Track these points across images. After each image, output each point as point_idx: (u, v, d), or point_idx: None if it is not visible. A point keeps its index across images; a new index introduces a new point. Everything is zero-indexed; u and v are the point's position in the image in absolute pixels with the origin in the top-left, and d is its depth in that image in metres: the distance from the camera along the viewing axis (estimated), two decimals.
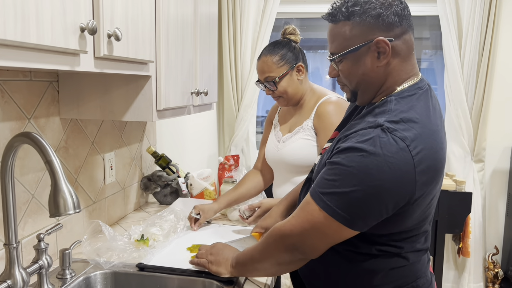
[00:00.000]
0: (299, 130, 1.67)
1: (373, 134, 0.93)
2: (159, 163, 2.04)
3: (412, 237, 1.05)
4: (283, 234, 1.04)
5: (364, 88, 1.04)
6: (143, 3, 1.23)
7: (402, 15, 1.00)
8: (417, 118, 0.96)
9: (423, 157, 0.92)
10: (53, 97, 1.38)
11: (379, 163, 0.90)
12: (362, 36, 0.99)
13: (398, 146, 0.91)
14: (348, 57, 1.02)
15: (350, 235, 0.98)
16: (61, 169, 0.93)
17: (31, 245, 1.28)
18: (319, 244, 1.01)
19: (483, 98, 2.99)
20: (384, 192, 0.91)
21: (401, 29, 0.99)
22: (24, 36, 0.75)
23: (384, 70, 1.01)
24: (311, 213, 0.98)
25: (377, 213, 0.94)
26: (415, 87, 1.02)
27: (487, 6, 2.89)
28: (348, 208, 0.93)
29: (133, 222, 1.80)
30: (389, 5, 0.98)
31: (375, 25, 0.98)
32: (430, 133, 0.96)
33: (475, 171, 3.08)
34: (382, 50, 0.98)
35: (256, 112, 3.38)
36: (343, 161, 0.94)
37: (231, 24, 3.18)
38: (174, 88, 1.49)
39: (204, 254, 1.29)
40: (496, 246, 3.16)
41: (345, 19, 1.00)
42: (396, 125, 0.94)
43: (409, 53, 1.02)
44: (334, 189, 0.94)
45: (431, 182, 0.97)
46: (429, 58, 3.44)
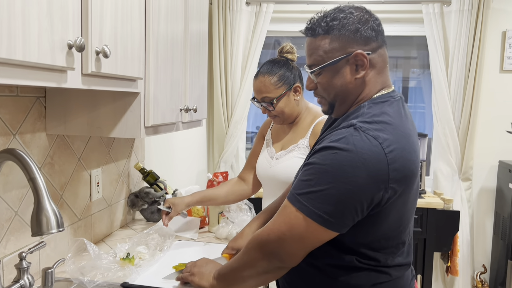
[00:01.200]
0: (293, 148, 1.66)
1: (346, 133, 0.95)
2: (147, 179, 2.02)
3: (391, 248, 1.05)
4: (261, 240, 1.03)
5: (342, 100, 1.07)
6: (133, 20, 1.23)
7: (378, 30, 1.05)
8: (389, 120, 0.99)
9: (396, 156, 0.94)
10: (39, 113, 1.37)
11: (352, 159, 0.92)
12: (341, 49, 1.02)
13: (371, 143, 0.93)
14: (327, 70, 1.05)
15: (327, 237, 0.98)
16: (45, 187, 0.92)
17: (13, 263, 1.25)
18: (297, 249, 1.00)
19: (470, 117, 3.03)
20: (359, 188, 0.92)
21: (377, 43, 1.04)
22: (9, 53, 0.75)
23: (362, 81, 1.04)
24: (288, 216, 0.98)
25: (352, 210, 0.94)
26: (388, 96, 1.06)
27: (472, 27, 2.95)
28: (325, 207, 0.93)
29: (119, 240, 1.77)
30: (366, 20, 1.03)
31: (353, 39, 1.02)
32: (402, 135, 0.98)
33: (462, 189, 3.10)
34: (360, 63, 1.02)
35: (246, 128, 3.38)
36: (318, 160, 0.96)
37: (221, 41, 3.21)
38: (163, 105, 1.48)
39: (189, 268, 1.29)
40: (484, 265, 3.17)
41: (324, 33, 1.04)
42: (368, 125, 0.96)
43: (384, 66, 1.07)
44: (310, 188, 0.95)
45: (404, 182, 0.97)
46: (417, 77, 3.49)
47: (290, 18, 3.32)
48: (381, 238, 1.02)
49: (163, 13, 1.45)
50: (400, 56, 3.47)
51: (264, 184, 1.79)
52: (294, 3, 3.24)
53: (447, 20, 3.01)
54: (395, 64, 3.47)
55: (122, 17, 1.16)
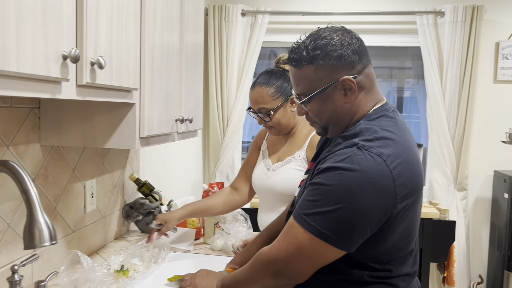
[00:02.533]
0: (290, 159, 1.65)
1: (350, 153, 0.96)
2: (141, 190, 2.01)
3: (400, 259, 1.05)
4: (269, 260, 1.03)
5: (335, 123, 1.08)
6: (128, 31, 1.23)
7: (360, 51, 1.04)
8: (390, 135, 1.00)
9: (401, 171, 0.95)
10: (33, 124, 1.36)
11: (358, 179, 0.92)
12: (327, 77, 1.02)
13: (375, 161, 0.93)
14: (316, 98, 1.05)
15: (336, 256, 0.98)
16: (38, 199, 0.91)
17: (5, 276, 1.23)
18: (306, 267, 1.00)
19: (465, 127, 3.05)
20: (367, 207, 0.92)
21: (361, 65, 1.04)
22: (3, 64, 0.74)
23: (352, 104, 1.05)
24: (296, 236, 0.98)
25: (362, 230, 0.95)
26: (381, 110, 1.07)
27: (466, 38, 2.98)
28: (333, 227, 0.94)
29: (113, 251, 1.75)
30: (348, 44, 1.03)
31: (338, 66, 1.02)
32: (404, 148, 0.99)
33: (458, 199, 3.10)
34: (348, 87, 1.02)
35: (241, 138, 3.38)
36: (323, 180, 0.96)
37: (217, 51, 3.22)
38: (158, 115, 1.48)
39: (189, 281, 1.28)
40: (481, 275, 3.16)
41: (308, 63, 1.03)
42: (370, 143, 0.97)
43: (372, 84, 1.07)
44: (317, 209, 0.95)
45: (411, 195, 0.98)
46: (411, 87, 3.51)
47: (286, 29, 3.34)
48: (390, 250, 1.02)
49: (159, 24, 1.45)
50: (395, 66, 3.49)
51: (261, 195, 1.78)
52: (290, 14, 3.26)
53: (441, 31, 3.03)
54: (390, 74, 3.49)
55: (117, 28, 1.16)
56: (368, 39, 3.30)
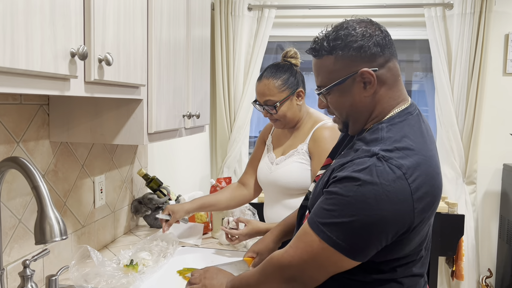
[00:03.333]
0: (293, 153, 1.66)
1: (369, 163, 0.93)
2: (150, 185, 2.02)
3: (408, 263, 1.04)
4: (282, 265, 1.02)
5: (354, 118, 1.05)
6: (135, 28, 1.24)
7: (384, 44, 1.01)
8: (411, 145, 0.96)
9: (420, 184, 0.92)
10: (43, 120, 1.37)
11: (376, 192, 0.90)
12: (346, 68, 1.00)
13: (395, 175, 0.91)
14: (335, 90, 1.03)
15: (350, 265, 0.97)
16: (48, 195, 0.92)
17: (17, 271, 1.25)
18: (319, 275, 0.99)
19: (473, 120, 3.02)
20: (383, 221, 0.91)
21: (384, 58, 1.01)
22: (13, 62, 0.75)
23: (372, 99, 1.02)
24: (310, 244, 0.97)
25: (377, 242, 0.93)
26: (405, 112, 1.03)
27: (475, 30, 2.95)
28: (349, 239, 0.93)
29: (123, 246, 1.77)
30: (369, 36, 1.00)
31: (358, 57, 0.99)
32: (425, 159, 0.96)
33: (467, 193, 3.08)
34: (368, 81, 1.00)
35: (249, 133, 3.38)
36: (341, 190, 0.94)
37: (224, 46, 3.21)
38: (166, 111, 1.48)
39: (198, 279, 1.27)
40: (490, 269, 3.14)
41: (328, 53, 1.01)
42: (391, 153, 0.94)
43: (395, 80, 1.04)
44: (333, 219, 0.93)
45: (429, 209, 0.96)
46: (419, 80, 3.48)
47: (292, 23, 3.33)
48: (401, 257, 1.01)
49: (165, 20, 1.45)
50: (403, 59, 3.46)
51: (265, 189, 1.79)
52: (296, 8, 3.25)
53: (450, 24, 3.00)
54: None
55: (124, 24, 1.17)
56: None
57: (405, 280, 1.05)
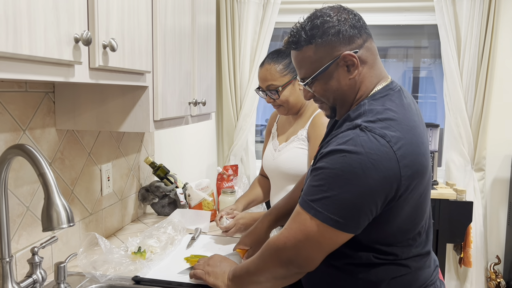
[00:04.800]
0: (294, 139, 1.68)
1: (353, 135, 0.95)
2: (157, 173, 2.02)
3: (408, 241, 1.04)
4: (278, 248, 1.03)
5: (341, 102, 1.07)
6: (140, 14, 1.22)
7: (360, 26, 1.04)
8: (394, 116, 0.98)
9: (405, 152, 0.94)
10: (49, 108, 1.37)
11: (362, 161, 0.91)
12: (328, 55, 1.02)
13: (379, 143, 0.93)
14: (320, 78, 1.05)
15: (344, 240, 0.98)
16: (55, 182, 0.92)
17: (25, 258, 1.26)
18: (315, 254, 1.00)
19: (483, 106, 2.98)
20: (372, 189, 0.92)
21: (361, 39, 1.03)
22: (16, 48, 0.74)
23: (356, 80, 1.04)
24: (303, 223, 0.98)
25: (368, 211, 0.94)
26: (386, 89, 1.05)
27: (485, 15, 2.89)
28: (340, 211, 0.93)
29: (131, 233, 1.78)
30: (345, 20, 1.02)
31: (337, 41, 1.01)
32: (408, 129, 0.97)
33: (475, 180, 3.06)
34: (351, 63, 1.02)
35: (255, 121, 3.37)
36: (327, 164, 0.95)
37: (229, 33, 3.19)
38: (172, 98, 1.47)
39: (202, 265, 1.28)
40: (498, 256, 3.13)
41: (307, 43, 1.03)
42: (373, 124, 0.96)
43: (374, 58, 1.07)
44: (322, 194, 0.94)
45: (416, 177, 0.97)
46: (428, 67, 3.43)
47: (298, 9, 3.28)
48: (396, 232, 1.02)
49: (170, 6, 1.43)
50: (411, 45, 3.41)
51: (270, 176, 1.80)
52: None
53: (459, 8, 2.95)
54: (406, 54, 3.42)
55: (129, 10, 1.15)
56: (383, 17, 3.23)
57: (409, 262, 1.05)
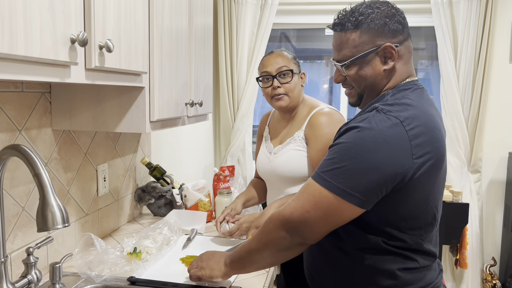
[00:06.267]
0: (290, 141, 1.67)
1: (369, 115, 0.99)
2: (153, 174, 2.02)
3: (418, 230, 1.04)
4: (283, 218, 1.03)
5: (370, 90, 1.11)
6: (136, 15, 1.22)
7: (404, 23, 1.10)
8: (411, 102, 1.02)
9: (418, 132, 0.97)
10: (45, 108, 1.37)
11: (374, 136, 0.95)
12: (370, 42, 1.07)
13: (391, 122, 0.96)
14: (357, 62, 1.09)
15: (351, 215, 0.98)
16: (50, 182, 0.92)
17: (20, 259, 1.26)
18: (320, 226, 1.00)
19: (479, 108, 2.99)
20: (381, 163, 0.94)
21: (403, 36, 1.09)
22: (11, 48, 0.74)
23: (389, 72, 1.09)
24: (312, 193, 0.99)
25: (376, 187, 0.95)
26: (411, 83, 1.10)
27: (482, 17, 2.90)
28: (347, 181, 0.95)
29: (126, 234, 1.78)
30: (392, 15, 1.08)
31: (382, 32, 1.06)
32: (424, 115, 1.01)
33: (471, 181, 3.07)
34: (389, 55, 1.07)
35: (252, 122, 3.37)
36: (342, 140, 0.99)
37: (227, 34, 3.19)
38: (168, 99, 1.47)
39: (195, 264, 1.28)
40: (494, 258, 3.14)
41: (354, 27, 1.08)
42: (390, 107, 1.00)
43: (409, 57, 1.12)
44: (334, 166, 0.97)
45: (430, 158, 0.98)
46: (425, 69, 3.44)
47: (296, 10, 3.29)
48: (407, 217, 1.02)
49: (167, 7, 1.43)
50: None
51: (266, 180, 1.79)
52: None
53: (456, 10, 2.96)
54: None
55: (125, 11, 1.15)
56: None
57: (418, 257, 1.05)
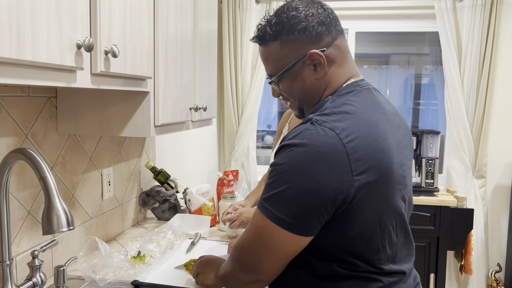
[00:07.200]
0: None
1: (302, 129, 0.89)
2: (157, 178, 2.03)
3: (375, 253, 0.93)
4: (238, 250, 0.98)
5: (308, 102, 1.03)
6: (141, 20, 1.24)
7: (328, 22, 0.98)
8: (350, 109, 0.92)
9: (357, 145, 0.86)
10: (51, 113, 1.38)
11: (307, 154, 0.85)
12: (294, 52, 0.97)
13: (326, 135, 0.86)
14: (286, 76, 1.00)
15: (294, 245, 0.90)
16: (56, 186, 0.93)
17: (25, 261, 1.27)
18: (268, 260, 0.92)
19: (484, 113, 2.98)
20: (318, 184, 0.84)
21: (330, 36, 0.98)
22: (19, 53, 0.75)
23: (323, 80, 0.99)
24: (256, 224, 0.92)
25: (315, 211, 0.86)
26: (354, 85, 0.99)
27: (486, 22, 2.90)
28: (285, 209, 0.87)
29: (131, 238, 1.78)
30: (312, 15, 0.97)
31: (304, 39, 0.96)
32: (366, 123, 0.90)
33: (476, 187, 3.05)
34: (317, 62, 0.97)
35: (256, 127, 3.38)
36: (276, 160, 0.90)
37: (231, 39, 3.21)
38: (173, 104, 1.49)
39: (196, 269, 1.28)
40: (499, 264, 3.12)
41: (273, 39, 0.99)
42: (326, 117, 0.90)
43: (344, 57, 1.00)
44: (272, 191, 0.89)
45: (374, 173, 0.87)
46: (429, 74, 3.44)
47: None
48: (359, 239, 0.92)
49: (172, 13, 1.45)
50: (412, 52, 3.43)
51: None
52: None
53: (460, 16, 2.96)
54: (407, 61, 3.43)
55: (130, 16, 1.17)
56: (385, 24, 3.25)
57: (382, 277, 0.95)
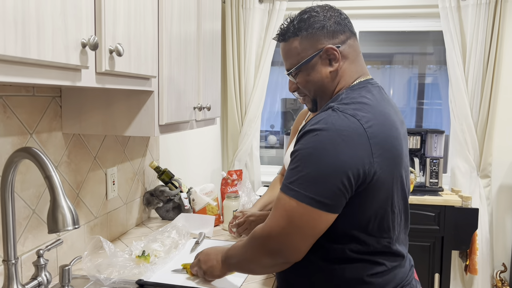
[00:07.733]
0: None
1: (325, 115, 0.99)
2: (161, 178, 2.03)
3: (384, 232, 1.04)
4: (263, 238, 1.03)
5: (321, 94, 1.13)
6: (146, 19, 1.24)
7: (344, 23, 1.11)
8: (367, 101, 1.03)
9: (375, 131, 0.97)
10: (55, 112, 1.38)
11: (332, 137, 0.94)
12: (312, 47, 1.09)
13: (349, 121, 0.96)
14: (303, 69, 1.11)
15: (325, 223, 0.97)
16: (61, 185, 0.93)
17: (31, 261, 1.27)
18: (299, 241, 0.98)
19: (488, 113, 2.97)
20: (343, 163, 0.93)
21: (345, 35, 1.11)
22: (24, 52, 0.76)
23: (336, 74, 1.10)
24: (283, 207, 0.98)
25: (341, 187, 0.94)
26: (365, 82, 1.11)
27: (490, 21, 2.89)
28: (314, 188, 0.94)
29: (135, 237, 1.79)
30: (330, 17, 1.11)
31: (321, 35, 1.09)
32: (381, 114, 1.02)
33: (481, 186, 3.04)
34: (332, 57, 1.09)
35: (260, 126, 3.38)
36: (301, 146, 0.98)
37: (235, 39, 3.21)
38: (177, 103, 1.49)
39: (196, 266, 1.31)
40: (504, 264, 3.10)
41: (294, 35, 1.11)
42: (346, 105, 1.00)
43: (356, 56, 1.13)
44: (298, 174, 0.96)
45: (389, 157, 0.99)
46: (433, 73, 3.43)
47: None
48: (373, 218, 1.02)
49: (176, 12, 1.45)
50: (416, 52, 3.42)
51: None
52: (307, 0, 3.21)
53: (464, 14, 2.95)
54: (411, 60, 3.42)
55: (135, 16, 1.17)
56: (389, 24, 3.24)
57: (386, 260, 1.05)
